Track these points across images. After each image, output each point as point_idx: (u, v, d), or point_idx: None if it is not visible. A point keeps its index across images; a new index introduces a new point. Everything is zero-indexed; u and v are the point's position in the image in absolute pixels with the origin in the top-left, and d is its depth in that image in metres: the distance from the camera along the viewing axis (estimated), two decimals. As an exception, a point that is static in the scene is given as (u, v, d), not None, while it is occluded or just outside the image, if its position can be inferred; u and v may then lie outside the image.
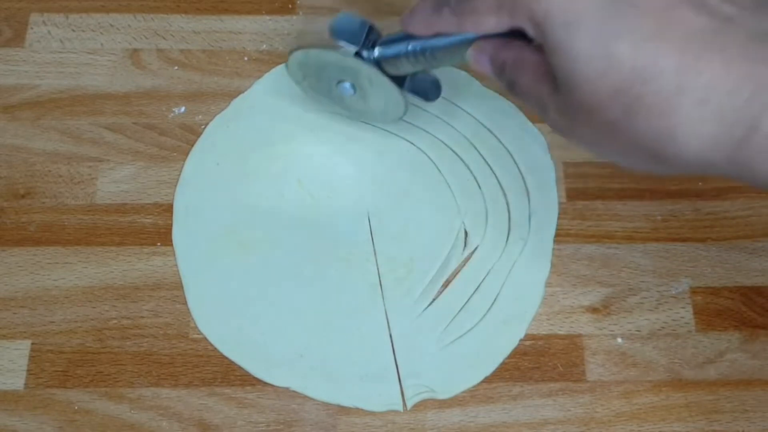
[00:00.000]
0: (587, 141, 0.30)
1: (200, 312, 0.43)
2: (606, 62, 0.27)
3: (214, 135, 0.47)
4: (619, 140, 0.28)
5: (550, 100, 0.30)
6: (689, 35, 0.26)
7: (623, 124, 0.27)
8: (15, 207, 0.45)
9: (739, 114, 0.25)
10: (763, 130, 0.25)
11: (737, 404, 0.41)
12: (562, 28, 0.28)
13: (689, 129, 0.26)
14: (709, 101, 0.26)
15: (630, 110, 0.27)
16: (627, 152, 0.29)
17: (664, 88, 0.26)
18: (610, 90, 0.27)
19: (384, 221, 0.45)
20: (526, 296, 0.43)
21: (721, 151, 0.26)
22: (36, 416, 0.40)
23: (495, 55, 0.33)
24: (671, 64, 0.26)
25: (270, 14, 0.51)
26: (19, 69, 0.48)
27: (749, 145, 0.25)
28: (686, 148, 0.27)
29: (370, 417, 0.40)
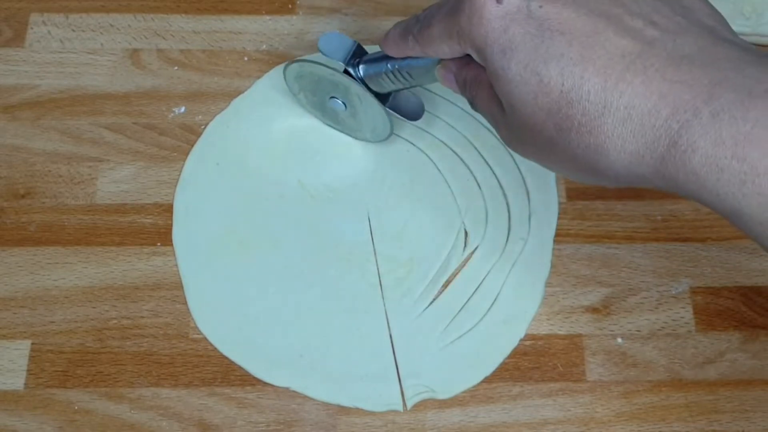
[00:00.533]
0: (533, 156, 0.33)
1: (200, 312, 0.43)
2: (537, 86, 0.29)
3: (214, 135, 0.47)
4: (558, 155, 0.31)
5: (500, 118, 0.33)
6: (613, 58, 0.28)
7: (558, 141, 0.30)
8: (15, 207, 0.45)
9: (659, 131, 0.27)
10: (681, 146, 0.27)
11: (737, 404, 0.41)
12: (499, 55, 0.30)
13: (615, 145, 0.28)
14: (631, 119, 0.28)
15: (562, 129, 0.29)
16: (568, 166, 0.31)
17: (590, 108, 0.28)
18: (543, 111, 0.29)
19: (384, 221, 0.45)
20: (526, 296, 0.43)
21: (647, 165, 0.28)
22: (36, 416, 0.40)
23: (458, 73, 0.36)
24: (595, 85, 0.28)
25: (270, 14, 0.51)
26: (19, 69, 0.48)
27: (671, 160, 0.27)
28: (616, 163, 0.29)
29: (370, 417, 0.40)
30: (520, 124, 0.31)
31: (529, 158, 0.34)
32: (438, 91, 0.48)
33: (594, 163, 0.29)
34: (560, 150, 0.30)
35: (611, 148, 0.28)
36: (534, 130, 0.30)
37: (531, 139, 0.31)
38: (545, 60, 0.29)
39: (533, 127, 0.30)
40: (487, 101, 0.34)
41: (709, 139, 0.26)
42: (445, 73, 0.36)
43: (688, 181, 0.27)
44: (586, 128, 0.28)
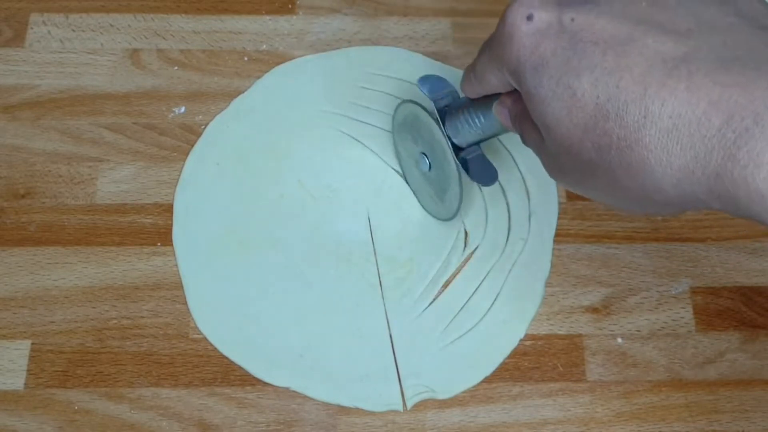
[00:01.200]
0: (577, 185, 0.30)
1: (200, 312, 0.43)
2: (570, 101, 0.27)
3: (214, 135, 0.47)
4: (601, 180, 0.28)
5: (541, 146, 0.31)
6: (652, 65, 0.25)
7: (599, 162, 0.27)
8: (15, 207, 0.45)
9: (711, 142, 0.24)
10: (741, 160, 0.23)
11: (737, 404, 0.41)
12: (531, 73, 0.28)
13: (660, 160, 0.25)
14: (676, 130, 0.25)
15: (601, 147, 0.27)
16: (613, 193, 0.28)
17: (629, 120, 0.25)
18: (579, 128, 0.27)
19: (384, 221, 0.45)
20: (526, 296, 0.43)
21: (699, 183, 0.25)
22: (36, 416, 0.40)
23: (511, 108, 0.34)
24: (633, 94, 0.25)
25: (270, 14, 0.51)
26: (19, 69, 0.48)
27: (728, 177, 0.24)
28: (663, 181, 0.25)
29: (370, 417, 0.40)
30: (557, 148, 0.29)
31: (575, 189, 0.31)
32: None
33: (639, 185, 0.26)
34: (602, 173, 0.27)
35: (655, 164, 0.25)
36: (571, 152, 0.28)
37: (571, 164, 0.29)
38: (577, 73, 0.27)
39: (570, 148, 0.28)
40: (531, 131, 0.31)
41: None
42: (501, 109, 0.34)
43: (751, 201, 0.23)
44: (625, 143, 0.26)
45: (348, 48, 0.50)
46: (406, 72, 0.48)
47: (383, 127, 0.47)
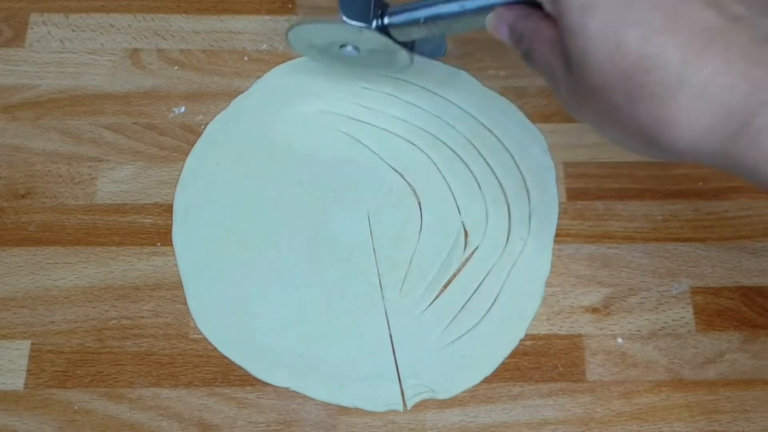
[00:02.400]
0: (591, 119, 0.32)
1: (200, 312, 0.43)
2: (615, 48, 0.28)
3: (214, 135, 0.47)
4: (620, 122, 0.30)
5: (562, 76, 0.32)
6: (695, 31, 0.27)
7: (625, 107, 0.29)
8: (15, 207, 0.45)
9: (734, 110, 0.27)
10: (755, 126, 0.26)
11: (737, 404, 0.41)
12: (578, 11, 0.29)
13: (686, 119, 0.27)
14: (706, 95, 0.27)
15: (633, 95, 0.28)
16: (626, 134, 0.30)
17: (666, 79, 0.27)
18: (616, 74, 0.28)
19: (384, 221, 0.45)
20: (526, 296, 0.43)
21: (714, 143, 0.27)
22: (36, 416, 0.40)
23: (514, 24, 0.34)
24: (675, 56, 0.27)
25: (270, 14, 0.51)
26: (19, 69, 0.48)
27: (741, 140, 0.27)
28: (681, 137, 0.28)
29: (370, 417, 0.40)
30: (586, 85, 0.30)
31: (584, 121, 0.33)
32: (439, 91, 0.48)
33: (657, 136, 0.29)
34: (624, 117, 0.29)
35: (680, 122, 0.28)
36: (602, 94, 0.29)
37: (594, 103, 0.30)
38: (627, 23, 0.28)
39: (601, 90, 0.29)
40: (549, 57, 0.32)
41: None
42: (498, 23, 0.35)
43: (758, 162, 0.27)
44: (658, 99, 0.28)
45: (348, 48, 0.50)
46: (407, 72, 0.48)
47: (383, 127, 0.47)
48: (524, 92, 0.48)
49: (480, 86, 0.48)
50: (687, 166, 0.46)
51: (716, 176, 0.46)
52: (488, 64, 0.49)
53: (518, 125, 0.47)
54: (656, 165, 0.46)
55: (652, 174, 0.46)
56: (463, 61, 0.49)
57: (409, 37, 0.40)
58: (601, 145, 0.47)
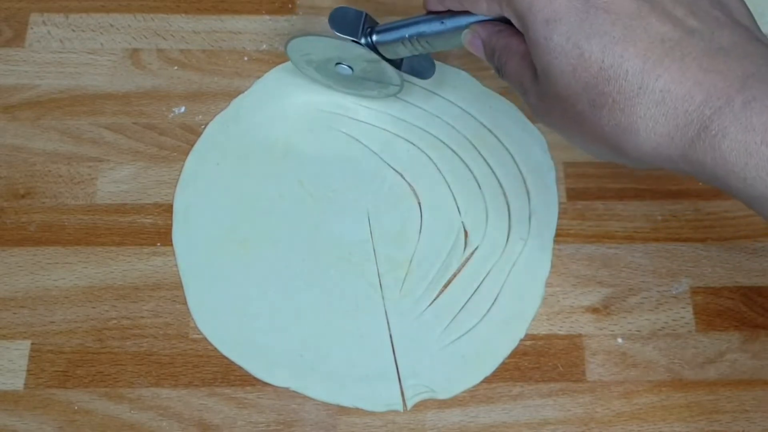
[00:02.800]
0: (559, 128, 0.34)
1: (200, 312, 0.43)
2: (578, 59, 0.30)
3: (214, 135, 0.47)
4: (585, 129, 0.31)
5: (531, 86, 0.34)
6: (653, 42, 0.29)
7: (589, 115, 0.31)
8: (15, 207, 0.45)
9: (692, 116, 0.28)
10: (711, 130, 0.28)
11: (737, 404, 0.41)
12: (542, 24, 0.31)
13: (646, 126, 0.29)
14: (664, 103, 0.29)
15: (596, 104, 0.30)
16: (593, 141, 0.32)
17: (627, 87, 0.29)
18: (580, 84, 0.30)
19: (384, 221, 0.45)
20: (526, 296, 0.43)
21: (676, 148, 0.29)
22: (36, 416, 0.40)
23: (488, 40, 0.36)
24: (635, 66, 0.29)
25: (270, 14, 0.51)
26: (19, 69, 0.48)
27: (699, 144, 0.28)
28: (644, 143, 0.30)
29: (370, 417, 0.40)
30: (553, 95, 0.32)
31: (553, 129, 0.34)
32: (439, 91, 0.48)
33: (621, 142, 0.30)
34: (589, 125, 0.31)
35: (642, 129, 0.29)
36: (567, 103, 0.31)
37: (561, 111, 0.32)
38: (588, 35, 0.30)
39: (566, 99, 0.31)
40: (519, 69, 0.34)
41: (740, 125, 0.27)
42: (473, 39, 0.37)
43: (716, 165, 0.28)
44: (619, 106, 0.29)
45: (348, 48, 0.50)
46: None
47: (383, 127, 0.47)
48: (524, 92, 0.48)
49: (480, 86, 0.48)
50: (687, 166, 0.46)
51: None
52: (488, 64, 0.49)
53: (518, 125, 0.47)
54: (656, 165, 0.46)
55: (652, 174, 0.46)
56: (463, 61, 0.49)
57: (396, 54, 0.42)
58: (601, 145, 0.47)
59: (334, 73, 0.45)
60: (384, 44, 0.41)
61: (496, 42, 0.35)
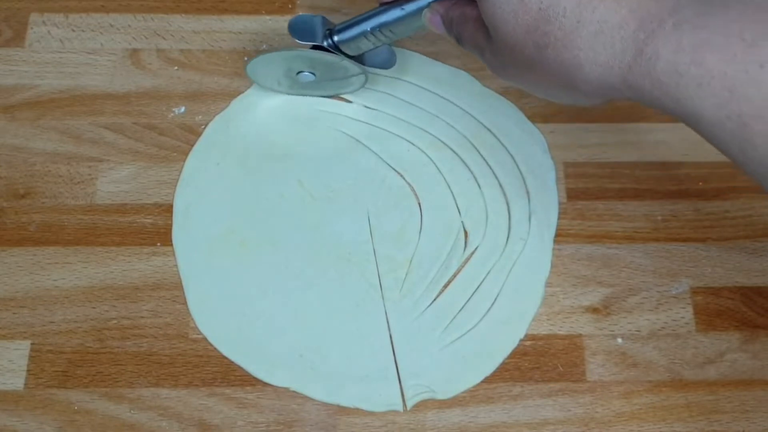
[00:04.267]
0: (515, 78, 0.36)
1: (200, 312, 0.43)
2: (518, 4, 0.32)
3: (214, 135, 0.47)
4: (537, 73, 0.33)
5: (486, 45, 0.36)
6: None
7: (537, 58, 0.32)
8: (15, 207, 0.45)
9: (627, 42, 0.30)
10: (646, 54, 0.29)
11: (737, 404, 0.41)
12: None
13: (588, 57, 0.31)
14: (602, 33, 0.30)
15: (540, 45, 0.32)
16: (547, 84, 0.34)
17: (566, 24, 0.31)
18: (523, 29, 0.32)
19: (384, 221, 0.45)
20: (526, 296, 0.43)
21: (616, 75, 0.30)
22: (36, 416, 0.40)
23: (445, 14, 0.38)
24: (571, 2, 0.30)
25: (270, 14, 0.51)
26: (19, 69, 0.48)
27: (636, 68, 0.30)
28: (589, 75, 0.31)
29: (370, 417, 0.40)
30: (502, 46, 0.34)
31: (512, 81, 0.36)
32: (439, 91, 0.48)
33: (570, 78, 0.32)
34: (539, 68, 0.33)
35: (584, 61, 0.31)
36: (515, 50, 0.33)
37: (512, 60, 0.34)
38: None
39: (514, 46, 0.33)
40: (474, 33, 0.36)
41: (671, 46, 0.28)
42: (432, 16, 0.38)
43: (652, 88, 0.29)
44: (561, 43, 0.31)
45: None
46: (407, 72, 0.48)
47: (383, 127, 0.47)
48: (524, 92, 0.48)
49: (480, 86, 0.48)
50: (687, 167, 0.46)
51: (716, 176, 0.46)
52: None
53: (518, 125, 0.47)
54: (656, 165, 0.46)
55: (652, 174, 0.46)
56: (463, 61, 0.49)
57: (359, 50, 0.43)
58: (601, 145, 0.47)
59: (297, 81, 0.46)
60: (346, 42, 0.42)
61: (452, 13, 0.37)
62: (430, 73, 0.48)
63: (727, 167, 0.46)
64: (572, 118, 0.48)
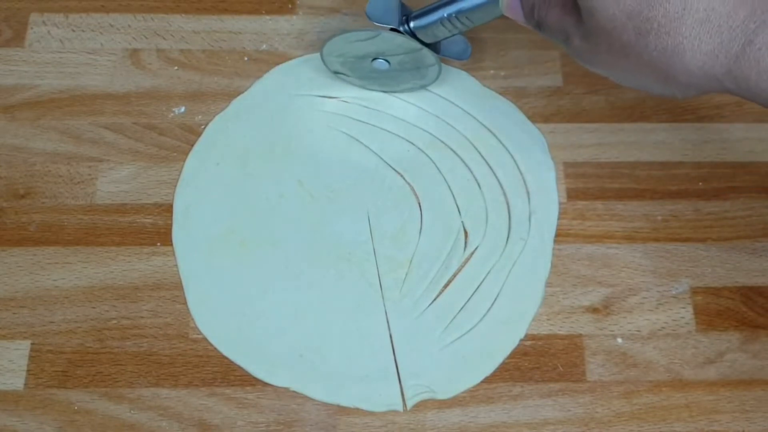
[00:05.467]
0: (607, 66, 0.35)
1: (200, 312, 0.43)
2: None
3: (214, 135, 0.47)
4: (633, 61, 0.32)
5: (574, 30, 0.35)
6: None
7: (636, 44, 0.31)
8: (15, 207, 0.45)
9: (735, 32, 0.29)
10: (756, 44, 0.29)
11: (737, 404, 0.41)
12: None
13: (693, 45, 0.30)
14: (709, 21, 0.30)
15: (641, 31, 0.31)
16: (641, 72, 0.33)
17: (671, 10, 0.30)
18: (624, 14, 0.31)
19: (384, 221, 0.45)
20: (526, 296, 0.43)
21: (721, 65, 0.30)
22: (36, 416, 0.40)
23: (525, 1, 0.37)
24: None
25: (270, 14, 0.51)
26: (19, 69, 0.48)
27: (744, 59, 0.29)
28: (691, 63, 0.30)
29: (370, 417, 0.40)
30: (598, 31, 0.32)
31: (600, 69, 0.35)
32: (439, 91, 0.48)
33: (669, 66, 0.31)
34: (635, 54, 0.32)
35: (688, 48, 0.30)
36: (612, 35, 0.32)
37: (607, 47, 0.33)
38: None
39: (612, 31, 0.32)
40: (560, 17, 0.35)
41: None
42: (510, 2, 0.37)
43: (760, 79, 0.29)
44: (665, 29, 0.30)
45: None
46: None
47: (383, 127, 0.47)
48: (524, 92, 0.48)
49: (480, 86, 0.48)
50: (687, 167, 0.46)
51: (716, 176, 0.46)
52: (488, 64, 0.49)
53: (518, 125, 0.47)
54: (656, 165, 0.46)
55: (652, 174, 0.46)
56: (463, 62, 0.49)
57: (435, 37, 0.42)
58: (601, 145, 0.47)
59: (370, 71, 0.45)
60: (422, 28, 0.42)
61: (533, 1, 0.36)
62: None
63: (727, 167, 0.46)
64: (572, 118, 0.48)
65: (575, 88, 0.48)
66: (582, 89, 0.48)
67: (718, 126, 0.48)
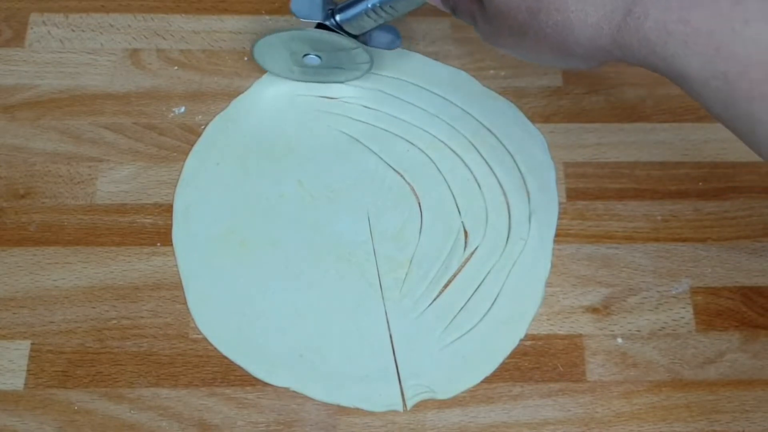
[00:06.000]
0: (509, 45, 0.36)
1: (200, 312, 0.43)
2: None
3: (214, 135, 0.47)
4: (532, 39, 0.34)
5: (479, 15, 0.36)
6: None
7: (531, 23, 0.33)
8: (15, 207, 0.45)
9: (617, 3, 0.30)
10: (635, 14, 0.30)
11: (737, 404, 0.41)
12: None
13: (579, 19, 0.31)
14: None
15: (533, 10, 0.32)
16: (540, 49, 0.34)
17: None
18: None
19: (384, 221, 0.45)
20: (526, 296, 0.43)
21: (606, 36, 0.31)
22: (36, 416, 0.40)
23: None
24: None
25: (270, 14, 0.51)
26: (19, 69, 0.48)
27: (626, 28, 0.30)
28: (581, 36, 0.32)
29: (370, 417, 0.40)
30: (497, 14, 0.34)
31: (506, 49, 0.37)
32: (439, 91, 0.48)
33: (563, 41, 0.33)
34: (533, 33, 0.33)
35: (576, 22, 0.31)
36: (509, 18, 0.34)
37: (507, 29, 0.35)
38: None
39: (508, 13, 0.34)
40: (468, 4, 0.37)
41: (659, 5, 0.29)
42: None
43: (641, 47, 0.30)
44: (554, 6, 0.32)
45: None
46: (407, 72, 0.48)
47: (383, 127, 0.47)
48: (524, 92, 0.48)
49: (480, 86, 0.48)
50: (687, 167, 0.46)
51: (716, 176, 0.46)
52: (488, 64, 0.49)
53: (518, 125, 0.47)
54: (656, 165, 0.46)
55: (652, 174, 0.46)
56: (463, 61, 0.49)
57: (362, 29, 0.43)
58: (601, 145, 0.47)
59: (303, 65, 0.46)
60: (348, 21, 0.42)
61: None
62: (430, 73, 0.48)
63: (727, 167, 0.46)
64: (572, 118, 0.48)
65: (575, 88, 0.48)
66: (582, 89, 0.48)
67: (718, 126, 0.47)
